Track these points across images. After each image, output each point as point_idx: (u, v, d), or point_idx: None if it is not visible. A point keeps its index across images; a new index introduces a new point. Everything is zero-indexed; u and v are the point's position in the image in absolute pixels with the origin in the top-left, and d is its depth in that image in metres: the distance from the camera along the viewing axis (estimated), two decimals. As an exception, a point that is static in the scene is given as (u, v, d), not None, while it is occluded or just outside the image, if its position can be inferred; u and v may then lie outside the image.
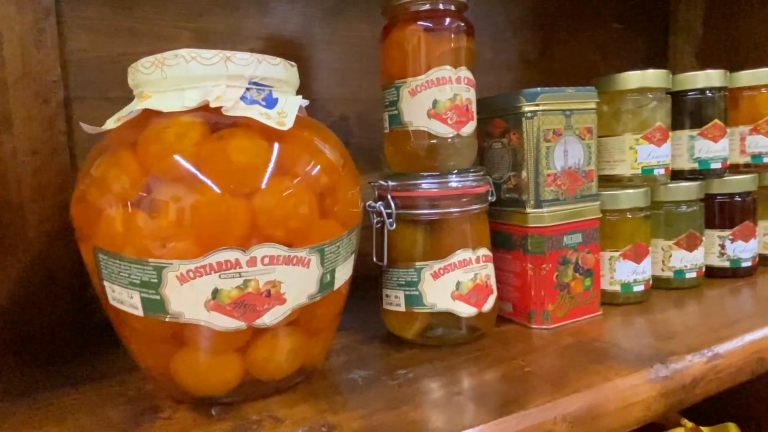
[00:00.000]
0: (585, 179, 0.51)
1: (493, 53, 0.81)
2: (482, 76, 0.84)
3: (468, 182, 0.46)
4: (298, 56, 0.67)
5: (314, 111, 0.69)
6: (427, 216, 0.45)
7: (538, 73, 0.85)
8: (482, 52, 0.80)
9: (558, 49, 0.87)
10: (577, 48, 0.89)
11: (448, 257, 0.45)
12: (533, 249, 0.49)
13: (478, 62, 0.83)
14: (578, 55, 0.89)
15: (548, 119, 0.48)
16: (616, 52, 0.93)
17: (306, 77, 0.68)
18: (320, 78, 0.69)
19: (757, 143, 0.63)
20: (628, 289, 0.55)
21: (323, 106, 0.69)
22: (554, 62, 0.86)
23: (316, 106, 0.69)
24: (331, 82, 0.69)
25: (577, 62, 0.89)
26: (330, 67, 0.69)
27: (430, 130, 0.45)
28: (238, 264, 0.32)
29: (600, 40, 0.91)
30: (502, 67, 0.82)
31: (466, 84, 0.46)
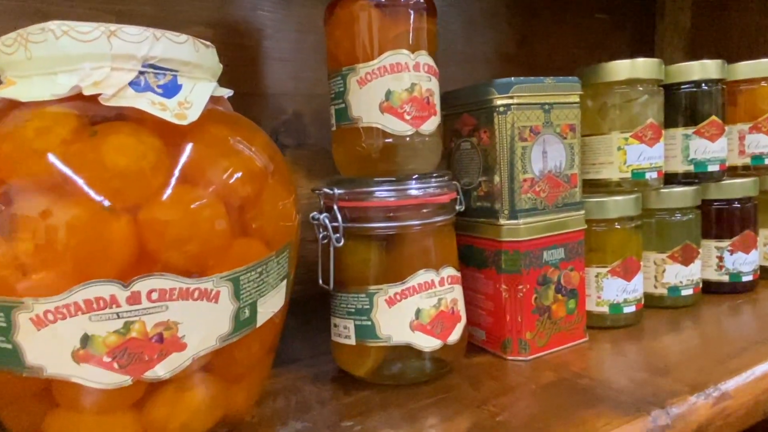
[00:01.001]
0: (567, 185, 0.44)
1: (466, 44, 0.75)
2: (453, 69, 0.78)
3: (430, 189, 0.39)
4: (243, 45, 0.60)
5: (263, 108, 0.62)
6: (382, 230, 0.38)
7: (516, 66, 0.79)
8: (453, 42, 0.74)
9: (537, 41, 0.81)
10: (558, 40, 0.83)
11: (406, 280, 0.38)
12: (508, 267, 0.43)
13: (448, 54, 0.78)
14: (559, 47, 0.83)
15: (524, 115, 0.42)
16: (599, 45, 0.88)
17: (252, 69, 0.61)
18: (270, 70, 0.62)
19: (757, 143, 0.57)
20: (617, 310, 0.48)
21: (274, 101, 0.62)
22: (533, 55, 0.81)
23: (264, 102, 0.62)
24: (283, 75, 0.62)
25: (558, 55, 0.83)
26: (281, 57, 0.62)
27: (384, 127, 0.38)
28: (115, 302, 0.25)
29: (583, 32, 0.86)
30: (476, 59, 0.76)
31: (427, 72, 0.39)
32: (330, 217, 0.39)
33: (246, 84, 0.61)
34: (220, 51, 0.60)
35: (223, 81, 0.60)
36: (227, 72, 0.62)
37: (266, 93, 0.62)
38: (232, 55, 0.59)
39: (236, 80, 0.61)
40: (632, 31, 0.92)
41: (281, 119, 0.63)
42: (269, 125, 0.62)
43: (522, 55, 0.80)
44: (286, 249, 0.33)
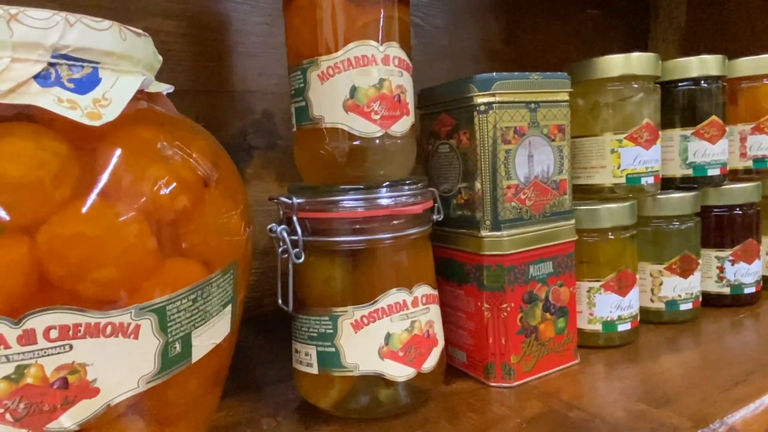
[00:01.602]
0: (556, 192, 0.41)
1: (449, 39, 0.71)
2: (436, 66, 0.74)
3: (403, 198, 0.35)
4: (208, 38, 0.55)
5: (230, 107, 0.58)
6: (348, 245, 0.34)
7: (503, 63, 0.75)
8: (436, 38, 0.70)
9: (525, 36, 0.78)
10: (547, 36, 0.80)
11: (374, 300, 0.34)
12: (490, 284, 0.39)
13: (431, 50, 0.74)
14: (549, 44, 0.80)
15: (507, 114, 0.38)
16: (591, 41, 0.84)
17: (218, 65, 0.56)
18: (236, 66, 0.57)
19: (760, 144, 0.54)
20: (611, 328, 0.45)
21: (241, 100, 0.58)
22: (521, 52, 0.77)
23: (230, 101, 0.57)
24: (252, 71, 0.58)
25: (547, 52, 0.79)
26: (248, 52, 0.58)
27: (349, 128, 0.34)
28: (3, 342, 0.20)
29: (573, 28, 0.82)
30: (460, 56, 0.72)
31: (398, 66, 0.35)
32: (288, 230, 0.35)
33: (211, 81, 0.57)
34: (183, 45, 0.56)
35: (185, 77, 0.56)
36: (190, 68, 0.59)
37: (233, 91, 0.58)
38: (196, 49, 0.55)
39: (200, 77, 0.57)
40: (625, 27, 0.88)
41: (250, 119, 0.58)
42: (237, 126, 0.58)
43: (510, 51, 0.76)
44: (231, 269, 0.28)
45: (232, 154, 0.57)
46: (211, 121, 0.56)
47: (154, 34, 0.54)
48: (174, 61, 0.54)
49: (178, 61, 0.55)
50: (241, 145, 0.58)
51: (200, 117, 0.56)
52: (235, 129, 0.58)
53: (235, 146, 0.58)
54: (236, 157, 0.58)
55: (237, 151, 0.58)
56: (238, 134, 0.58)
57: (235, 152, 0.58)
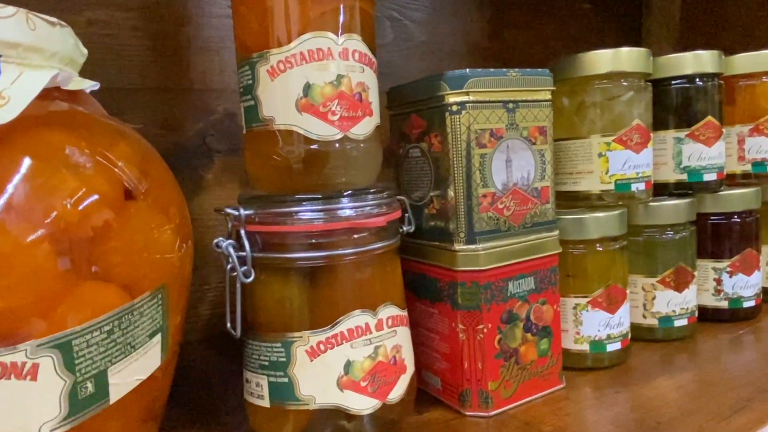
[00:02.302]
0: (537, 200, 0.38)
1: (429, 34, 0.69)
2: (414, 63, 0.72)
3: (367, 208, 0.33)
4: (161, 32, 0.53)
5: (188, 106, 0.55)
6: (304, 261, 0.32)
7: (487, 60, 0.73)
8: (414, 32, 0.67)
9: (512, 32, 0.76)
10: (534, 32, 0.78)
11: (333, 324, 0.31)
12: (465, 303, 0.36)
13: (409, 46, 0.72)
14: (536, 40, 0.78)
15: (482, 115, 0.36)
16: (581, 37, 0.82)
17: (174, 60, 0.54)
18: (194, 62, 0.55)
19: (759, 147, 0.52)
20: (599, 348, 0.42)
21: (200, 99, 0.55)
22: (507, 48, 0.75)
23: (188, 100, 0.54)
24: (210, 68, 0.55)
25: (534, 48, 0.77)
26: (208, 47, 0.55)
27: (304, 130, 0.31)
28: None
29: (562, 23, 0.80)
30: (441, 52, 0.70)
31: (359, 61, 0.33)
32: (236, 245, 0.32)
33: (167, 78, 0.54)
34: (134, 39, 0.53)
35: (136, 74, 0.53)
36: (143, 64, 0.56)
37: (191, 89, 0.55)
38: (149, 43, 0.52)
39: (154, 74, 0.54)
40: (617, 23, 0.87)
41: (209, 120, 0.56)
42: (195, 127, 0.55)
43: (495, 47, 0.74)
44: (159, 292, 0.26)
45: (190, 157, 0.56)
46: (167, 122, 0.54)
47: (101, 26, 0.51)
48: (124, 56, 0.51)
49: (129, 57, 0.52)
50: (200, 149, 0.55)
51: (154, 118, 0.53)
52: (193, 131, 0.55)
53: (194, 149, 0.55)
54: (195, 162, 0.56)
55: (196, 155, 0.55)
56: (196, 136, 0.55)
57: (193, 156, 0.55)
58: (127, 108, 0.52)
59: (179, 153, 0.54)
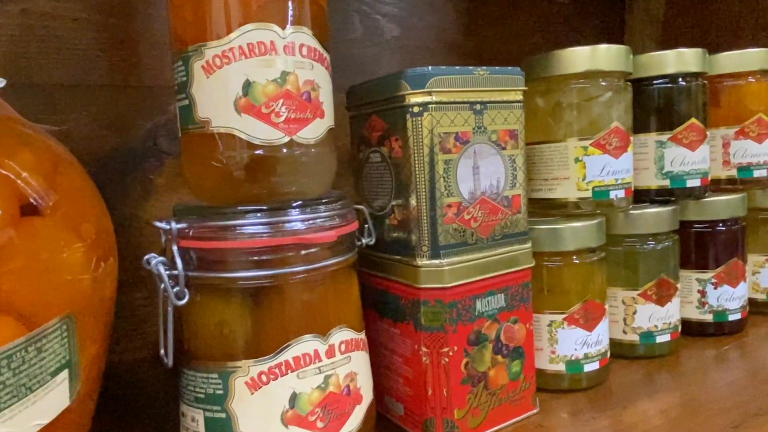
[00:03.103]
0: (508, 210, 0.36)
1: (401, 30, 0.66)
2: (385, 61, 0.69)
3: (319, 221, 0.30)
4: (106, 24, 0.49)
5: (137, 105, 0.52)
6: (245, 281, 0.29)
7: (462, 57, 0.71)
8: (385, 27, 0.65)
9: (487, 28, 0.73)
10: (512, 28, 0.75)
11: (276, 352, 0.29)
12: (428, 323, 0.34)
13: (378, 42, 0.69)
14: (514, 37, 0.75)
15: (447, 117, 0.33)
16: (562, 35, 0.80)
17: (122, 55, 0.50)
18: (144, 57, 0.51)
19: (745, 151, 0.50)
20: (576, 368, 0.40)
21: (149, 96, 0.52)
22: (483, 45, 0.73)
23: (139, 98, 0.51)
24: (161, 63, 0.52)
25: (511, 46, 0.75)
26: (158, 41, 0.52)
27: (243, 133, 0.29)
28: None
29: (542, 19, 0.78)
30: (413, 49, 0.67)
31: (308, 57, 0.30)
32: (167, 263, 0.29)
33: (113, 74, 0.51)
34: (76, 31, 0.50)
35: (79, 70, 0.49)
36: (86, 59, 0.52)
37: (140, 86, 0.52)
38: (93, 36, 0.49)
39: (99, 69, 0.50)
40: (599, 20, 0.85)
41: (160, 119, 0.52)
42: (145, 127, 0.52)
43: (470, 44, 0.72)
44: (64, 322, 0.23)
45: (140, 160, 0.52)
46: (114, 121, 0.50)
47: (38, 17, 0.48)
48: (65, 50, 0.48)
49: (71, 51, 0.48)
50: (151, 150, 0.52)
51: (99, 117, 0.50)
52: (142, 130, 0.52)
53: (144, 151, 0.52)
54: (144, 164, 0.52)
55: (145, 157, 0.52)
56: (146, 137, 0.52)
57: (143, 158, 0.52)
58: (67, 106, 0.48)
59: (127, 155, 0.51)
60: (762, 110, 0.50)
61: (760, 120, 0.50)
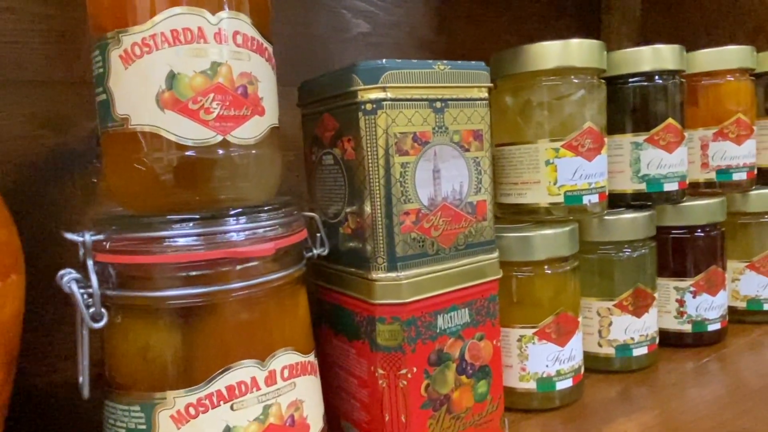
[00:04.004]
0: (472, 217, 0.33)
1: (370, 26, 0.63)
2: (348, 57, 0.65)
3: (260, 231, 0.27)
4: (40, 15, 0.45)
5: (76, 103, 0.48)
6: (173, 301, 0.26)
7: (433, 55, 0.68)
8: (350, 22, 0.62)
9: (460, 25, 0.71)
10: (486, 26, 0.73)
11: (207, 381, 0.25)
12: (384, 342, 0.31)
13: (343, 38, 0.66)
14: (488, 34, 0.73)
15: (404, 116, 0.30)
16: (537, 33, 0.78)
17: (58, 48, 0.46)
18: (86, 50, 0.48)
19: (724, 153, 0.48)
20: (548, 386, 0.38)
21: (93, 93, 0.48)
22: (455, 42, 0.70)
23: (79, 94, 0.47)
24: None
25: (486, 44, 0.73)
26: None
27: (167, 132, 0.25)
28: None
29: (518, 18, 0.76)
30: (381, 46, 0.64)
31: (244, 46, 0.27)
32: (82, 280, 0.25)
33: (51, 69, 0.47)
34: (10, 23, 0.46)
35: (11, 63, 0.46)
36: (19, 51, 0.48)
37: (82, 82, 0.48)
38: (26, 27, 0.45)
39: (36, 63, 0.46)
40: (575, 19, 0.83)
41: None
42: (88, 126, 0.48)
43: (442, 41, 0.69)
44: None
45: (81, 162, 0.49)
46: (52, 120, 0.46)
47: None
48: (-5, 42, 0.44)
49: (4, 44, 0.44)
50: (93, 151, 0.48)
51: (35, 115, 0.46)
52: (85, 131, 0.48)
53: (85, 152, 0.48)
54: (86, 167, 0.48)
55: (88, 159, 0.48)
56: (88, 137, 0.48)
57: (84, 160, 0.48)
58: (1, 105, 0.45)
59: (67, 157, 0.47)
60: (741, 110, 0.48)
61: (739, 120, 0.48)
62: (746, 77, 0.49)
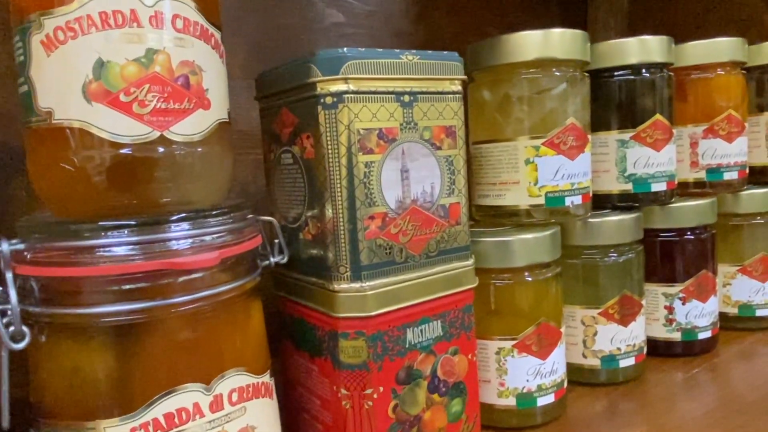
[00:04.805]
0: (444, 221, 0.31)
1: (344, 16, 0.61)
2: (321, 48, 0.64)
3: (208, 238, 0.25)
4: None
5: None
6: (106, 318, 0.23)
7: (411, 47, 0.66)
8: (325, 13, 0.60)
9: (440, 16, 0.69)
10: (469, 16, 0.71)
11: (142, 409, 0.23)
12: (348, 359, 0.29)
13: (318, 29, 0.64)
14: (469, 26, 0.71)
15: (368, 110, 0.28)
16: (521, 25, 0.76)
17: None
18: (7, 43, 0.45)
19: (714, 151, 0.47)
20: (529, 403, 0.36)
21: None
22: (435, 33, 0.68)
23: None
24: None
25: (467, 36, 0.71)
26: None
27: (97, 127, 0.23)
28: None
29: (500, 9, 0.75)
30: (356, 37, 0.62)
31: (185, 32, 0.24)
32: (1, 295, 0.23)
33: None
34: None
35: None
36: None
37: (28, 74, 0.45)
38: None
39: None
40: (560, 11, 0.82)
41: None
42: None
43: (420, 33, 0.67)
44: None
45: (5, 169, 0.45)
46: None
47: None
48: None
49: None
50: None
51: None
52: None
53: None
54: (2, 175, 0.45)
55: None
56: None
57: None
58: None
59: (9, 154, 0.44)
60: (732, 106, 0.47)
61: (730, 117, 0.47)
62: (737, 71, 0.48)
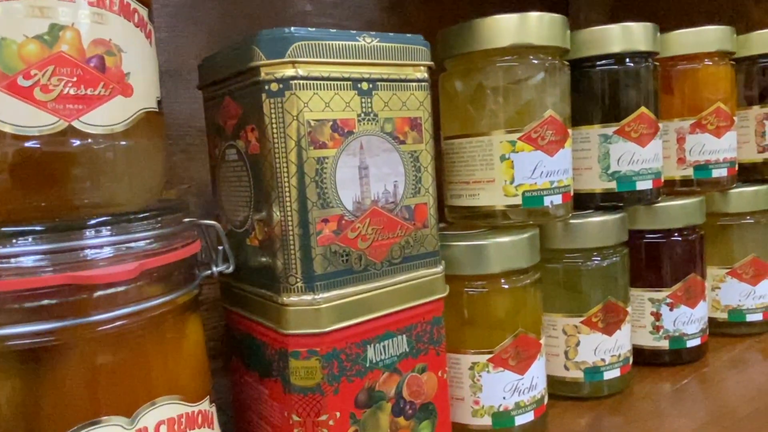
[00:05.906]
0: (410, 224, 0.28)
1: (312, 5, 0.59)
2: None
3: (132, 245, 0.22)
4: None
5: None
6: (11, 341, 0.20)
7: (385, 36, 0.63)
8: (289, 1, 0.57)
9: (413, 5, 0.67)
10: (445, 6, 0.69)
11: (48, 446, 0.20)
12: (299, 382, 0.26)
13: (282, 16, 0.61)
14: (447, 14, 0.69)
15: (320, 98, 0.25)
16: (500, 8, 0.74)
17: None
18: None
19: (702, 146, 0.45)
20: (505, 422, 0.33)
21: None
22: (410, 22, 0.66)
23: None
24: None
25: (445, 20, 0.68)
26: None
27: (-6, 118, 0.20)
28: None
29: (478, -2, 0.72)
30: (325, 26, 0.59)
31: (99, 5, 0.21)
32: None
33: None
34: None
35: None
36: None
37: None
38: None
39: None
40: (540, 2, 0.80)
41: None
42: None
43: (394, 23, 0.65)
44: None
45: None
46: None
47: None
48: None
49: None
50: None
51: None
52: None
53: None
54: None
55: None
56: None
57: None
58: None
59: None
60: (721, 99, 0.45)
61: (719, 110, 0.45)
62: (726, 61, 0.46)
